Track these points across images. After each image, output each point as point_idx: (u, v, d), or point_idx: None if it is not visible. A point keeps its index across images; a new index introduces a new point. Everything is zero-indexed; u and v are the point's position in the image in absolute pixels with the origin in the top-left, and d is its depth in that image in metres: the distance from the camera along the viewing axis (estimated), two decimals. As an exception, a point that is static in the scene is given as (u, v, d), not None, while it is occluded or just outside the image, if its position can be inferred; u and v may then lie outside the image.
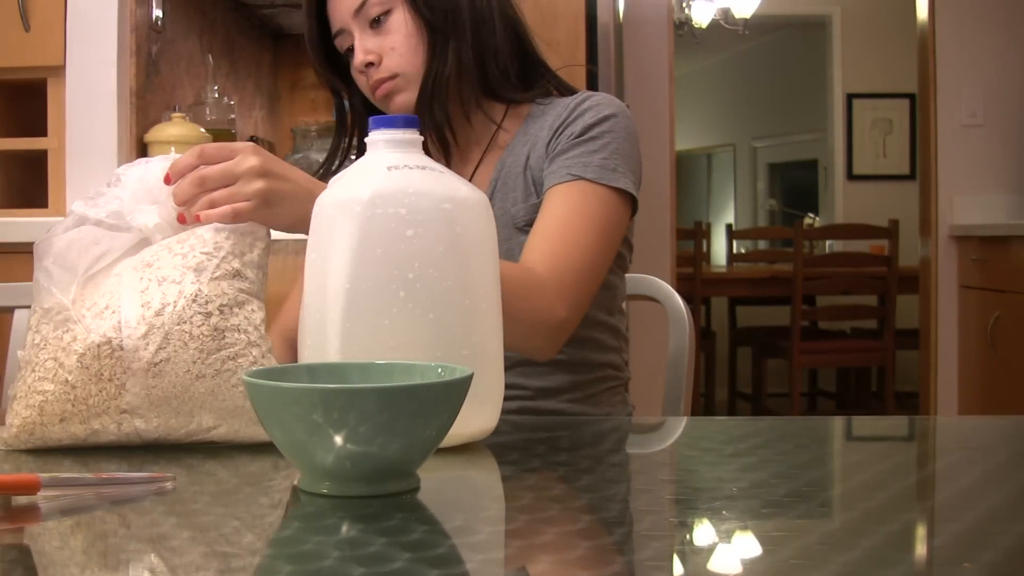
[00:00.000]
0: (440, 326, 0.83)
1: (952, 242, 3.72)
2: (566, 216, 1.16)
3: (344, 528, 0.64)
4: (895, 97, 6.01)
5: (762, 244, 6.65)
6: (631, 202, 1.20)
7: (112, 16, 2.16)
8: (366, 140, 0.88)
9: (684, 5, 5.51)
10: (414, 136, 0.88)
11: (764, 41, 6.78)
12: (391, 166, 0.86)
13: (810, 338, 4.40)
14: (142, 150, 2.25)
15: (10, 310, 1.39)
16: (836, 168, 6.14)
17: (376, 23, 1.24)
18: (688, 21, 5.57)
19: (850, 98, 6.09)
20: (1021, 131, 3.72)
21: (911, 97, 5.70)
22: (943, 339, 3.73)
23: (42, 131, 2.23)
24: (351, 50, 1.26)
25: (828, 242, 5.73)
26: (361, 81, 1.27)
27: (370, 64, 1.24)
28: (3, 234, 2.02)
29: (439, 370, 0.77)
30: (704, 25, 5.64)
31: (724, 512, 0.68)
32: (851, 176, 6.10)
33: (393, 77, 1.24)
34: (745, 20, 5.55)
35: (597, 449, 0.91)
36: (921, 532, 0.65)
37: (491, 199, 1.22)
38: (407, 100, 1.25)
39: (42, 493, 0.69)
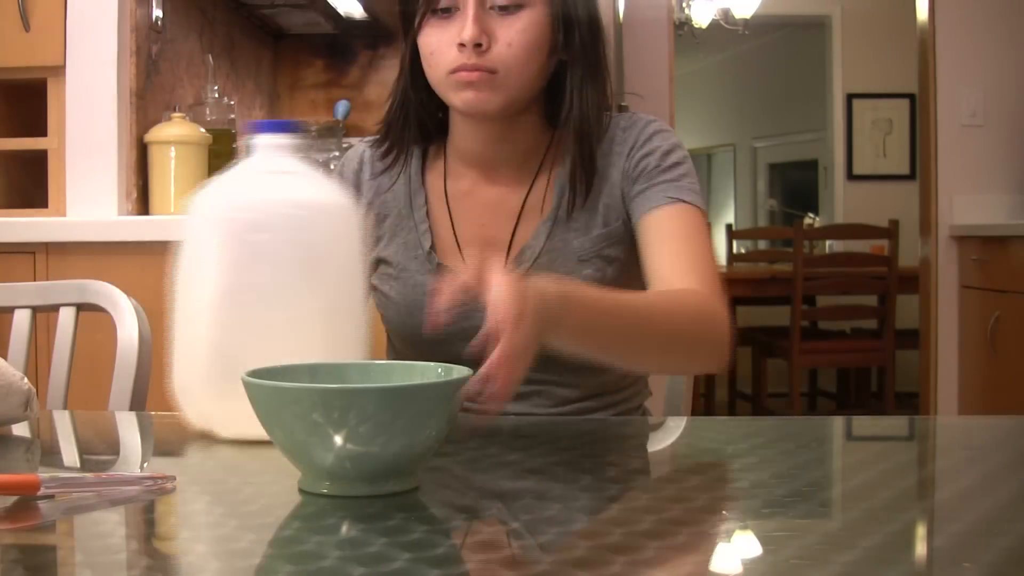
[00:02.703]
0: (289, 329, 0.84)
1: (952, 242, 3.72)
2: (688, 235, 1.14)
3: (344, 528, 0.64)
4: (895, 97, 6.00)
5: (762, 244, 6.65)
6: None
7: (112, 16, 2.17)
8: (249, 144, 0.90)
9: (684, 5, 5.51)
10: (295, 141, 0.90)
11: (764, 41, 6.78)
12: (260, 171, 0.89)
13: (810, 338, 4.40)
14: (142, 150, 2.25)
15: (10, 310, 1.39)
16: (836, 168, 6.14)
17: (504, 9, 1.10)
18: (688, 21, 5.56)
19: (850, 98, 6.09)
20: (1021, 131, 3.71)
21: (911, 97, 5.69)
22: (943, 339, 3.73)
23: (42, 131, 2.23)
24: (443, 11, 1.10)
25: (828, 242, 5.72)
26: (447, 54, 1.10)
27: (478, 45, 1.08)
28: (3, 234, 2.02)
29: (439, 370, 0.77)
30: (704, 25, 5.64)
31: (724, 512, 0.68)
32: (851, 176, 6.09)
33: (492, 72, 1.09)
34: (745, 20, 5.55)
35: (597, 449, 0.91)
36: (921, 532, 0.65)
37: (552, 227, 1.17)
38: (487, 99, 1.10)
39: (42, 493, 0.69)
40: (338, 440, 0.67)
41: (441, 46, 1.10)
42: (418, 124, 1.21)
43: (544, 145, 1.21)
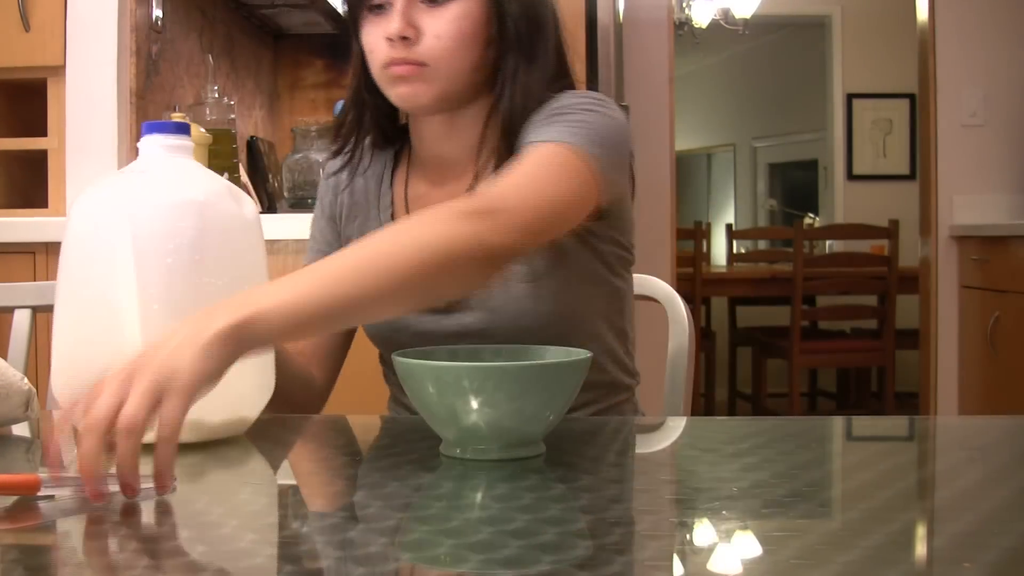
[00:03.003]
0: (105, 326, 0.87)
1: (952, 242, 3.72)
2: (533, 162, 1.02)
3: (344, 529, 0.64)
4: (895, 97, 6.01)
5: (762, 244, 6.65)
6: (597, 167, 1.04)
7: (112, 16, 2.17)
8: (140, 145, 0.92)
9: (684, 5, 5.51)
10: (183, 143, 0.92)
11: (764, 41, 6.78)
12: (148, 171, 0.91)
13: (810, 338, 4.40)
14: (142, 150, 2.25)
15: (10, 310, 1.39)
16: (836, 168, 6.14)
17: (433, 1, 1.08)
18: (688, 21, 5.56)
19: (850, 98, 6.09)
20: (1021, 131, 3.72)
21: (911, 97, 5.70)
22: (943, 339, 3.73)
23: (42, 131, 2.23)
24: (377, 7, 1.10)
25: (828, 242, 5.72)
26: (380, 50, 1.09)
27: (405, 38, 1.07)
28: (3, 234, 2.02)
29: (562, 353, 0.88)
30: (704, 25, 5.64)
31: (724, 512, 0.68)
32: (851, 176, 6.10)
33: (420, 64, 1.08)
34: (745, 20, 5.55)
35: (597, 449, 0.91)
36: (921, 532, 0.65)
37: None
38: (420, 93, 1.09)
39: (42, 493, 0.69)
40: (475, 407, 0.77)
41: (376, 42, 1.10)
42: (376, 126, 1.20)
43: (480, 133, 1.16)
